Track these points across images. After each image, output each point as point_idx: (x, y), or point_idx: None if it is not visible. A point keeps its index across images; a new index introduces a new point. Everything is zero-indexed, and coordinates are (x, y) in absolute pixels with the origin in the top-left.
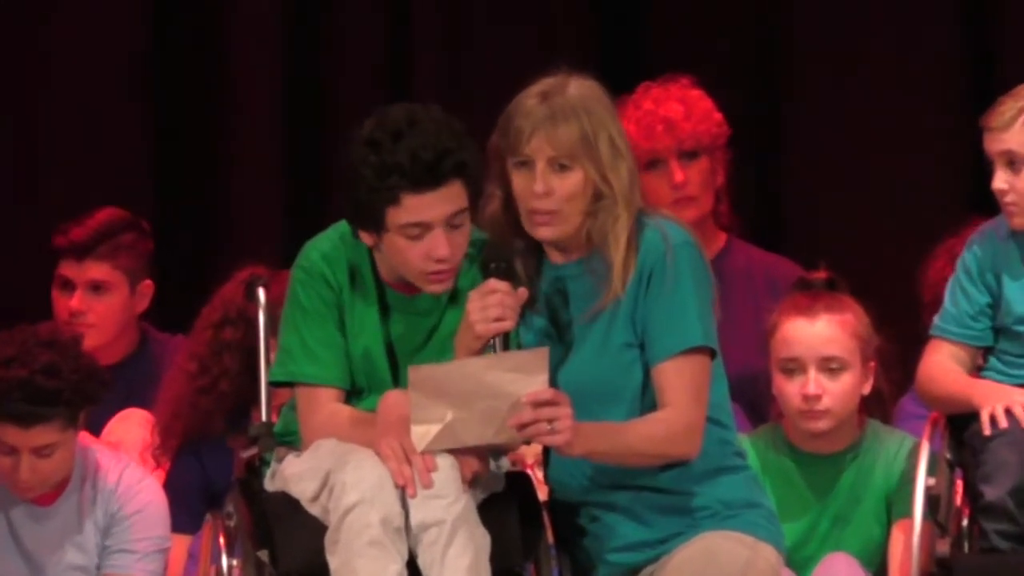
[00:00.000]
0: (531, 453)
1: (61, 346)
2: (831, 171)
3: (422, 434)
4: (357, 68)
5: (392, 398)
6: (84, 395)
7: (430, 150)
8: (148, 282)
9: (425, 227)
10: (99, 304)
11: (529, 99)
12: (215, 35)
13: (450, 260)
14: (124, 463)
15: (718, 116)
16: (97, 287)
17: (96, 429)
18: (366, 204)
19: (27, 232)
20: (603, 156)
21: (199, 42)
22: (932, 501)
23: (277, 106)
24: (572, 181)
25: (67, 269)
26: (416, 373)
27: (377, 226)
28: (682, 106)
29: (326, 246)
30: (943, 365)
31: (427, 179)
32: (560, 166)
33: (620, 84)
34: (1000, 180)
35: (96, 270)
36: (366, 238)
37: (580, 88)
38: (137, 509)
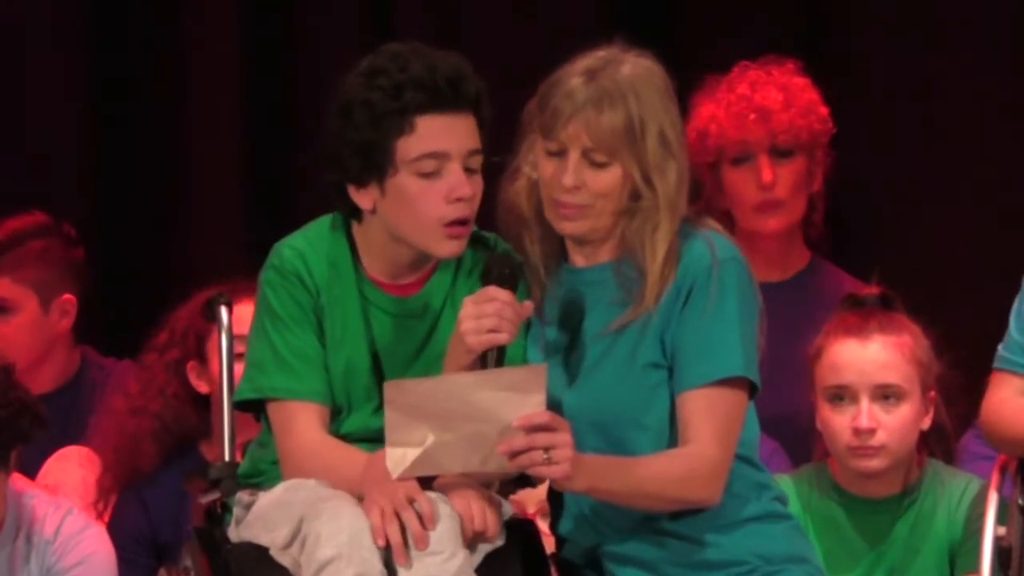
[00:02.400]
0: (533, 500)
1: None
2: (887, 169)
3: (398, 458)
4: (326, 63)
5: (383, 454)
6: (16, 433)
7: (449, 67)
8: (67, 297)
9: (443, 159)
10: (3, 325)
11: (573, 77)
12: (170, 23)
13: (471, 204)
14: (64, 510)
15: (823, 111)
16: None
17: (31, 470)
18: (372, 141)
19: None
20: (649, 153)
21: (151, 30)
22: (1002, 554)
23: (239, 104)
24: (608, 178)
25: None
26: (393, 389)
27: (382, 169)
28: (782, 94)
29: (300, 243)
30: (1011, 402)
31: (448, 95)
32: (596, 161)
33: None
34: None
35: None
36: (364, 199)
37: (635, 68)
38: (77, 561)
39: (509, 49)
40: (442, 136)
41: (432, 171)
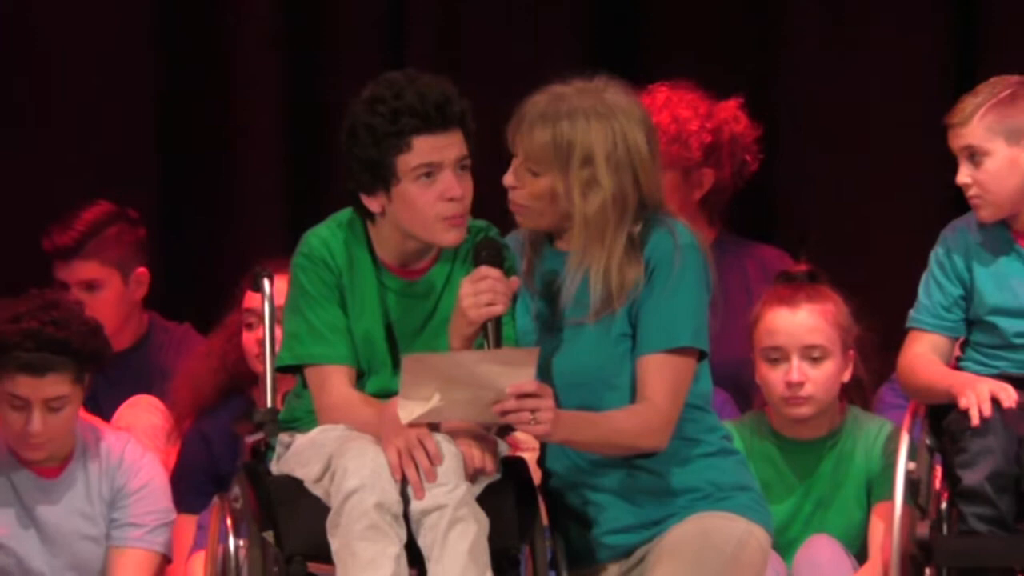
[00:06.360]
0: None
1: (67, 305)
2: (818, 166)
3: (409, 408)
4: (351, 78)
5: (395, 402)
6: (91, 348)
7: (437, 93)
8: (142, 270)
9: (437, 167)
10: (95, 301)
11: (542, 93)
12: (217, 40)
13: (462, 201)
14: (125, 440)
15: (702, 138)
16: (90, 285)
17: (106, 416)
18: (376, 159)
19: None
20: (573, 175)
21: (201, 45)
22: (912, 485)
23: (279, 112)
24: (540, 185)
25: (59, 272)
26: (410, 360)
27: (387, 181)
28: (657, 118)
29: (324, 233)
30: (924, 357)
31: (437, 119)
32: (530, 169)
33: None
34: (963, 174)
35: (85, 270)
36: (373, 204)
37: (590, 98)
38: (143, 484)
39: (504, 77)
40: (434, 151)
41: (428, 177)
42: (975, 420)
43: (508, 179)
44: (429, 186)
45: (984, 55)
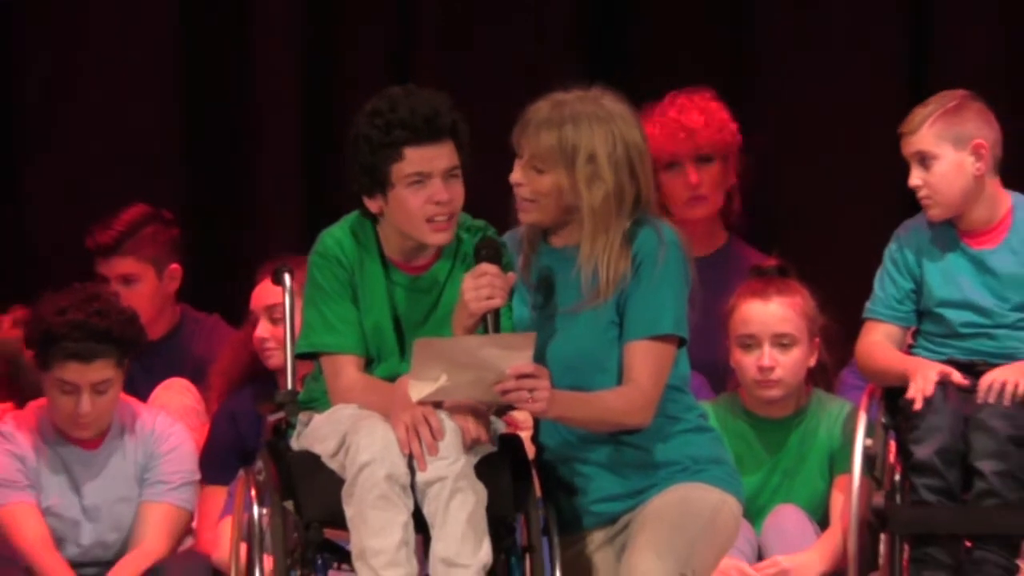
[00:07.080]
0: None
1: (106, 296)
2: (789, 170)
3: (419, 388)
4: (364, 87)
5: (403, 382)
6: (130, 335)
7: (427, 107)
8: (175, 266)
9: (426, 176)
10: (132, 293)
11: (545, 100)
12: (239, 46)
13: (449, 205)
14: (157, 412)
15: (733, 126)
16: (128, 280)
17: (143, 397)
18: (373, 166)
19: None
20: (578, 171)
21: (223, 55)
22: (869, 459)
23: (297, 114)
24: (545, 182)
25: (100, 267)
26: (420, 344)
27: (383, 186)
28: (702, 116)
29: (338, 233)
30: (879, 344)
31: (426, 131)
32: (536, 168)
33: (606, 78)
34: (914, 178)
35: (123, 265)
36: (373, 206)
37: (590, 104)
38: (171, 448)
39: (505, 77)
40: (424, 161)
41: (419, 184)
42: (918, 405)
43: (515, 176)
44: (419, 191)
45: (938, 56)
